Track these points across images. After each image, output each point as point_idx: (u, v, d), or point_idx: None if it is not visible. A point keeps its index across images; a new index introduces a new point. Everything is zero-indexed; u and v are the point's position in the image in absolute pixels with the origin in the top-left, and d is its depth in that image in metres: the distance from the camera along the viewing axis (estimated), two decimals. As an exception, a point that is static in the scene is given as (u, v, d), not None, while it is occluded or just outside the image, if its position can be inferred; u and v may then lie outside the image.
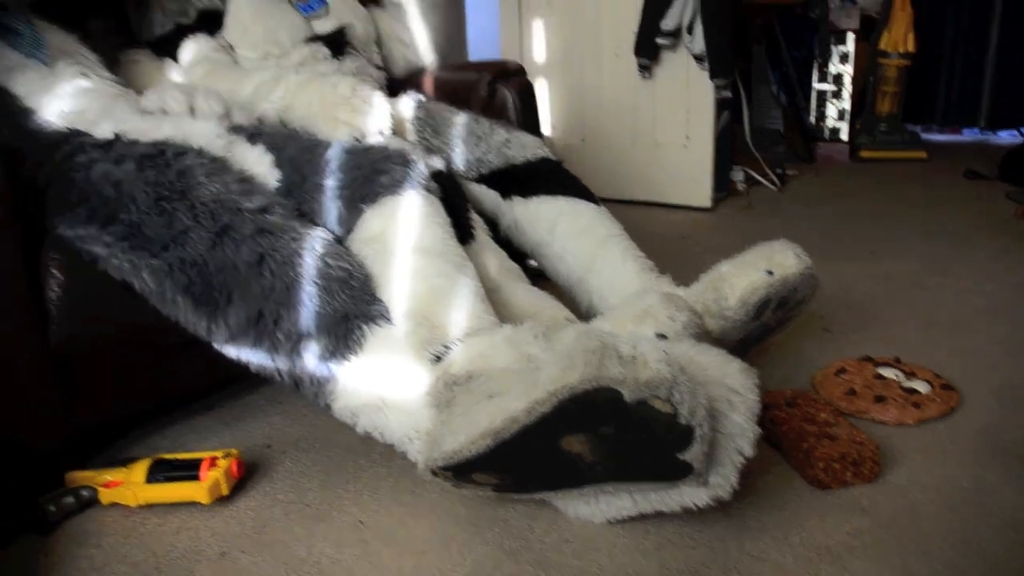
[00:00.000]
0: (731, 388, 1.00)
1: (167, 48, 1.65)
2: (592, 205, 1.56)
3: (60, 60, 1.35)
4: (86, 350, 1.24)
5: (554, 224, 1.53)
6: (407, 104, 1.65)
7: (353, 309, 1.13)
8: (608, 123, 3.02)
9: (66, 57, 1.37)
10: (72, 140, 1.25)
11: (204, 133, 1.29)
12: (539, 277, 1.55)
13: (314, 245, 1.17)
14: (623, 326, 1.21)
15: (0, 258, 1.13)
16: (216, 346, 1.20)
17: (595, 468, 1.00)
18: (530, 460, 0.99)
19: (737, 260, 1.37)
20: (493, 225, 1.53)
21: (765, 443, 1.26)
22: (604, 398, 0.90)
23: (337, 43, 1.75)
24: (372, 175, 1.23)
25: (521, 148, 1.59)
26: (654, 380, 0.89)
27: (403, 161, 1.25)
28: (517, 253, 1.55)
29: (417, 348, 1.12)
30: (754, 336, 1.42)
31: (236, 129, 1.34)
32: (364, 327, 1.13)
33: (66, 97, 1.31)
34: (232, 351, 1.19)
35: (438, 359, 1.11)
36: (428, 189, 1.24)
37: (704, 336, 1.28)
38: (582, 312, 1.50)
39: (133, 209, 1.18)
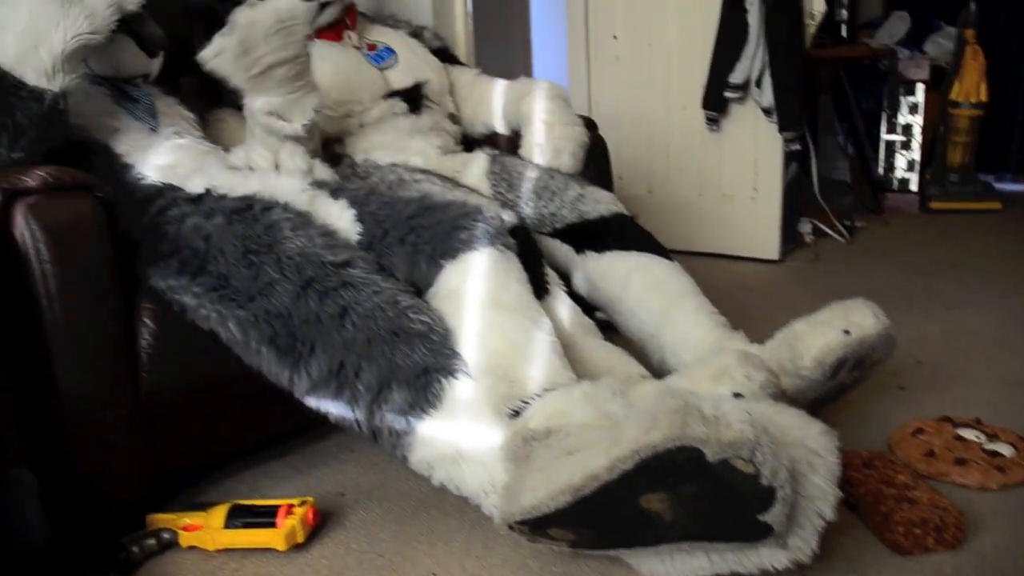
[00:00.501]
0: (811, 450, 0.99)
1: None
2: (665, 261, 1.57)
3: (161, 122, 1.43)
4: (173, 399, 1.28)
5: (627, 279, 1.55)
6: (482, 158, 1.68)
7: (433, 363, 1.15)
8: (675, 175, 3.03)
9: (165, 119, 1.44)
10: (166, 194, 1.31)
11: (289, 188, 1.34)
12: (608, 329, 1.56)
13: (395, 298, 1.19)
14: (700, 384, 1.21)
15: (99, 308, 1.19)
16: (297, 396, 1.23)
17: (673, 527, 0.99)
18: (608, 517, 0.99)
19: (812, 318, 1.36)
20: (565, 279, 1.55)
21: (841, 505, 1.24)
22: (686, 457, 0.90)
23: (414, 98, 1.80)
24: (451, 231, 1.26)
25: (595, 203, 1.62)
26: (737, 440, 0.89)
27: (481, 217, 1.28)
28: (587, 306, 1.56)
29: (495, 403, 1.13)
30: (829, 395, 1.40)
31: (319, 184, 1.38)
32: (443, 381, 1.14)
33: (161, 153, 1.38)
34: (312, 401, 1.22)
35: (516, 414, 1.12)
36: (505, 245, 1.27)
37: (780, 395, 1.27)
38: (654, 367, 1.50)
39: (222, 261, 1.23)
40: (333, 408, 1.21)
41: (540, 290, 1.36)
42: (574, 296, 1.52)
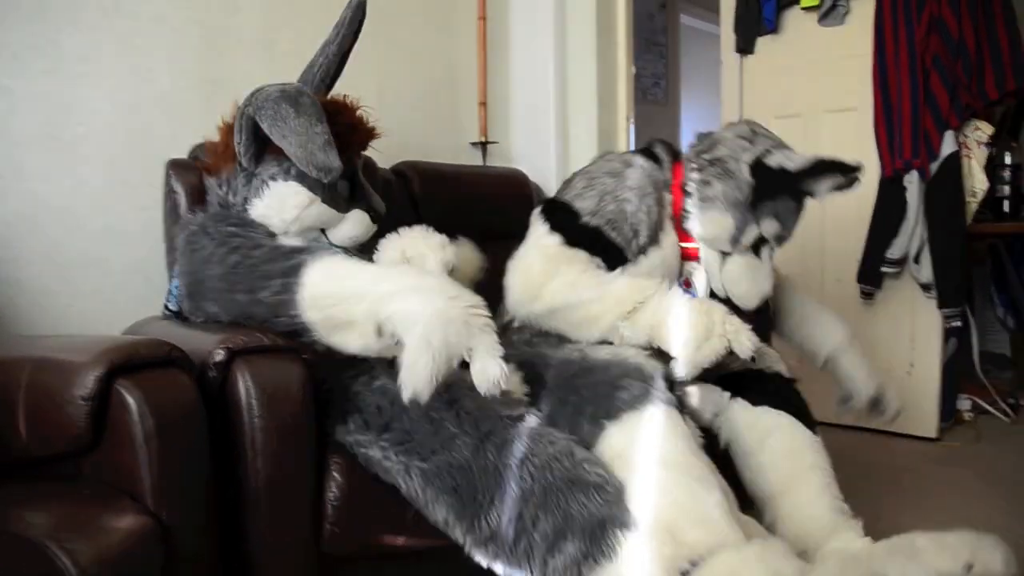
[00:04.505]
0: None
1: None
2: (809, 432, 1.59)
3: None
4: (350, 551, 1.35)
5: (767, 436, 1.57)
6: None
7: (608, 514, 1.17)
8: (827, 345, 3.00)
9: None
10: (357, 362, 1.42)
11: None
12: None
13: (571, 450, 1.24)
14: None
15: (297, 462, 1.29)
16: (472, 547, 1.25)
17: None
18: None
19: (938, 538, 1.27)
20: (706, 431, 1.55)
21: None
22: None
23: None
24: (612, 391, 1.32)
25: (761, 357, 1.65)
26: None
27: (641, 376, 1.33)
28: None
29: (663, 564, 1.14)
30: None
31: None
32: (619, 533, 1.15)
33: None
34: (485, 554, 1.24)
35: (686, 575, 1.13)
36: (667, 401, 1.31)
37: None
38: (764, 527, 1.46)
39: (405, 419, 1.30)
40: (504, 562, 1.22)
41: None
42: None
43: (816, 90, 3.01)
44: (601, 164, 1.75)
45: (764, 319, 1.78)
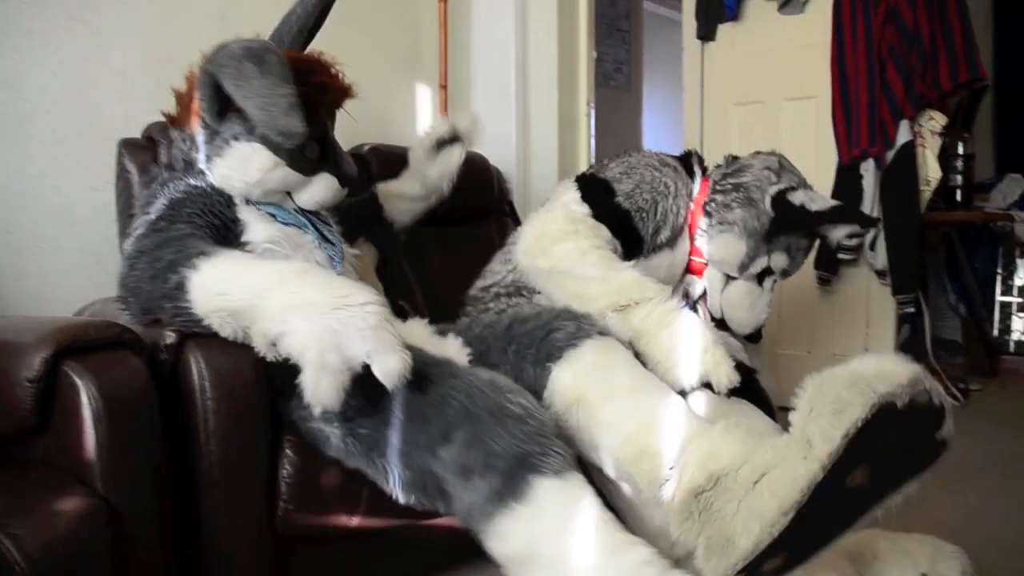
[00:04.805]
0: None
1: None
2: (769, 420, 1.59)
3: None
4: (307, 531, 1.34)
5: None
6: None
7: (525, 452, 1.12)
8: (783, 332, 3.03)
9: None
10: None
11: (420, 334, 1.44)
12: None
13: (495, 381, 1.21)
14: None
15: (250, 444, 1.28)
16: (412, 498, 1.23)
17: (872, 492, 1.03)
18: (818, 518, 1.01)
19: (899, 543, 1.29)
20: None
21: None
22: (884, 416, 0.97)
23: None
24: (547, 334, 1.35)
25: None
26: (912, 378, 0.98)
27: (572, 316, 1.37)
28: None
29: (646, 482, 1.17)
30: None
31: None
32: (530, 477, 1.11)
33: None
34: (423, 500, 1.22)
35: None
36: (601, 332, 1.35)
37: None
38: None
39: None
40: (436, 505, 1.21)
41: None
42: None
43: (776, 78, 3.04)
44: (639, 157, 1.78)
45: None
